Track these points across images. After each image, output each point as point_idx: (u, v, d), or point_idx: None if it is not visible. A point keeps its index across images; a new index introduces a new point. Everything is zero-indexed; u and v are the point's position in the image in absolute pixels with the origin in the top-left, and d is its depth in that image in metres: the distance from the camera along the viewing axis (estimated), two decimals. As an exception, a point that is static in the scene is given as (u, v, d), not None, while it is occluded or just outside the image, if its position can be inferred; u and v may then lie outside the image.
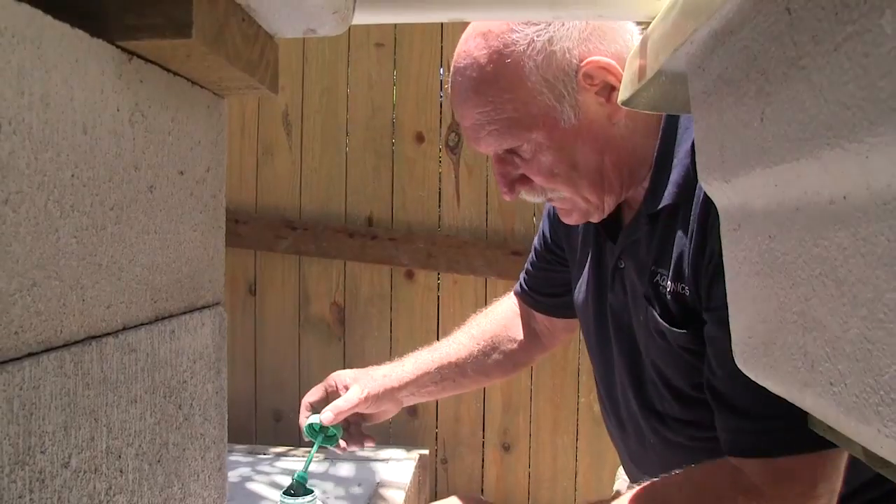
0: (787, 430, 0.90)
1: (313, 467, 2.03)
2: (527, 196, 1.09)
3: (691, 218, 0.97)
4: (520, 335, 1.46)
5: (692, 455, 1.01)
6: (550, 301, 1.41)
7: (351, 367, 2.55)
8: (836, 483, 0.92)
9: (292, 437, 2.55)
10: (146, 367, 0.63)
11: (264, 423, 2.61)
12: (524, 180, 1.05)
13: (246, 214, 2.60)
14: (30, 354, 0.47)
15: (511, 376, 1.60)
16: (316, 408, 1.32)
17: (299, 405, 2.58)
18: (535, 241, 1.43)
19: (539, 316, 1.46)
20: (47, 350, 0.49)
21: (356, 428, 1.36)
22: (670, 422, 1.09)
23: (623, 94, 0.79)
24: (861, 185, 0.41)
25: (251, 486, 1.83)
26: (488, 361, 1.43)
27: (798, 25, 0.43)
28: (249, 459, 2.09)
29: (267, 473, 1.92)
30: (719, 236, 0.79)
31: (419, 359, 1.41)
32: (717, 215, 0.72)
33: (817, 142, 0.43)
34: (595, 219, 1.09)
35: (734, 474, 0.94)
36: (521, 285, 1.47)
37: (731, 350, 0.94)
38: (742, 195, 0.64)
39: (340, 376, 1.37)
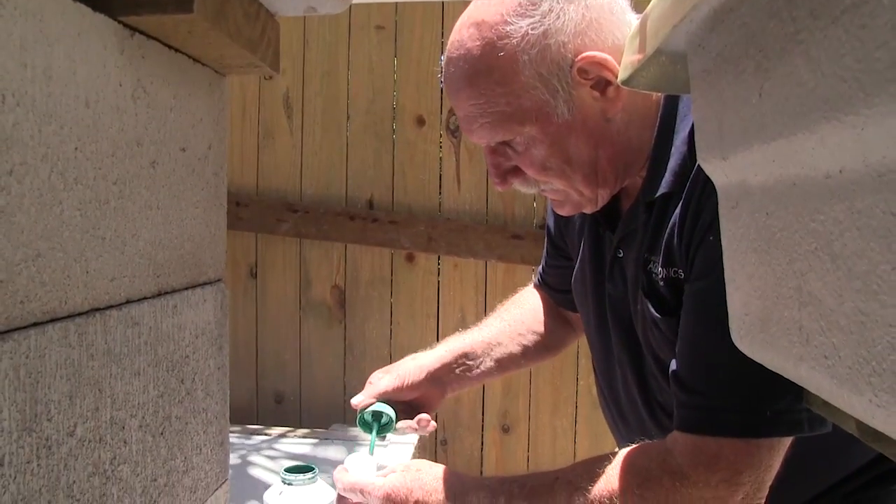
0: (724, 413, 0.91)
1: (316, 451, 2.04)
2: (519, 187, 1.08)
3: (682, 202, 0.97)
4: (550, 322, 1.45)
5: None
6: (565, 297, 1.40)
7: (352, 351, 2.58)
8: (764, 475, 0.92)
9: (293, 419, 2.56)
10: (149, 340, 0.63)
11: (265, 404, 2.62)
12: (517, 172, 1.05)
13: (247, 197, 2.60)
14: (35, 324, 0.47)
15: (545, 361, 1.59)
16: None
17: (300, 388, 2.61)
18: (546, 244, 1.43)
19: None
20: (52, 320, 0.49)
21: (412, 414, 1.32)
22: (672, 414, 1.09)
23: (623, 74, 0.79)
24: (857, 158, 0.41)
25: (252, 466, 1.84)
26: (523, 346, 1.41)
27: (796, 0, 0.44)
28: (251, 440, 2.11)
29: (268, 454, 1.93)
30: (713, 211, 0.79)
31: (451, 342, 1.38)
32: (713, 193, 0.72)
33: (814, 116, 0.43)
34: (588, 210, 1.09)
35: (664, 455, 0.95)
36: (539, 278, 1.46)
37: (695, 327, 0.95)
38: (740, 172, 0.64)
39: (374, 373, 1.34)
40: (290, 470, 1.20)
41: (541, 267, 1.46)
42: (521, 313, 1.45)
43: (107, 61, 0.57)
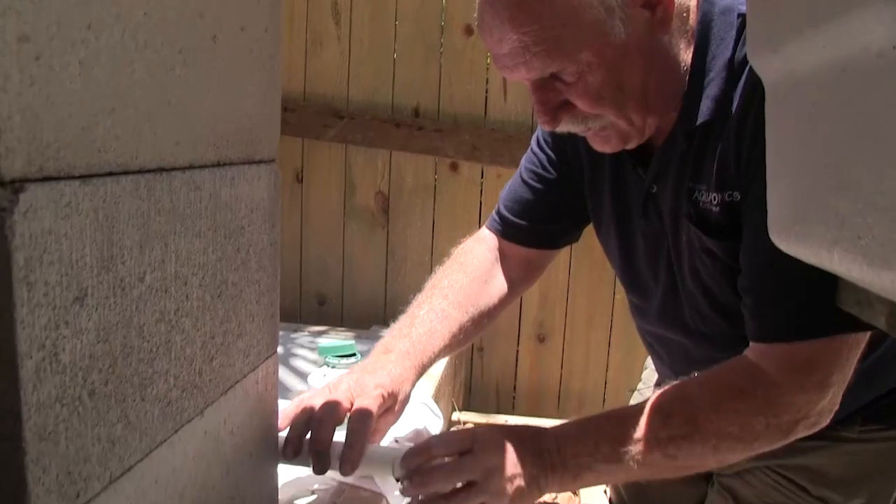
0: (809, 315, 0.92)
1: (358, 346, 2.10)
2: (566, 126, 1.02)
3: (734, 128, 0.95)
4: (510, 272, 1.35)
5: None
6: (540, 229, 1.33)
7: (393, 256, 2.63)
8: (848, 373, 0.94)
9: (335, 321, 2.64)
10: (209, 206, 0.67)
11: (308, 305, 2.70)
12: (567, 107, 0.99)
13: (294, 103, 2.62)
14: (110, 173, 0.51)
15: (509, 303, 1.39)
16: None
17: (342, 290, 2.68)
18: (527, 173, 1.31)
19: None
20: (125, 172, 0.53)
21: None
22: (718, 340, 1.10)
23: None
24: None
25: (295, 357, 1.91)
26: (467, 331, 1.27)
27: None
28: (294, 335, 2.18)
29: (311, 347, 2.00)
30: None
31: (419, 360, 1.16)
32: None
33: (868, -10, 0.44)
34: (633, 144, 1.05)
35: (752, 369, 0.96)
36: (510, 223, 1.33)
37: (763, 237, 0.94)
38: (789, 63, 0.65)
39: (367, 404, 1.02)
40: (329, 349, 1.24)
41: (505, 204, 1.34)
42: (475, 290, 1.30)
43: (174, -69, 0.59)
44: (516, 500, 0.95)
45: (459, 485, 0.94)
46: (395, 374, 1.08)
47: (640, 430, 0.96)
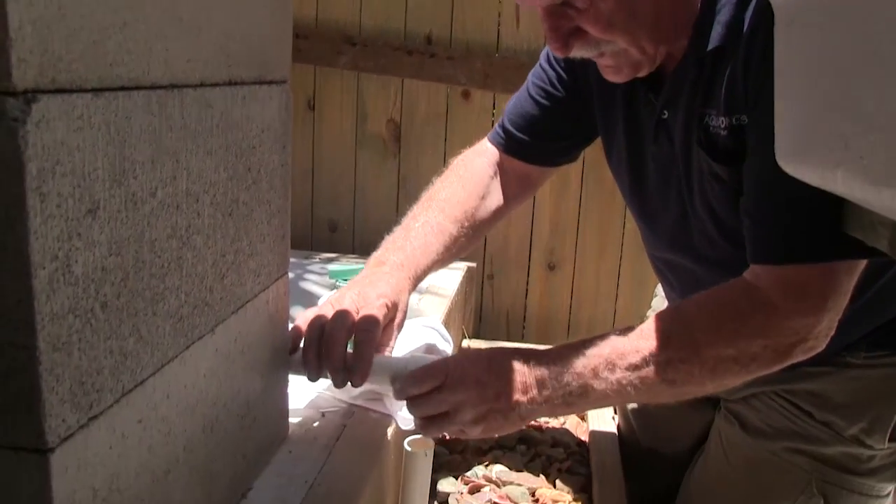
0: (803, 241, 0.92)
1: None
2: (579, 52, 1.02)
3: (743, 51, 0.95)
4: (508, 188, 1.36)
5: None
6: (553, 146, 1.34)
7: (405, 184, 2.63)
8: (844, 299, 0.95)
9: (346, 247, 2.66)
10: (220, 124, 0.67)
11: (320, 232, 2.72)
12: (579, 33, 0.99)
13: (306, 29, 2.59)
14: (122, 88, 0.52)
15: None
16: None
17: (354, 217, 2.70)
18: (535, 88, 1.32)
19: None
20: (137, 87, 0.53)
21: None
22: (727, 266, 1.10)
23: None
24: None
25: (306, 281, 1.94)
26: (461, 242, 1.30)
27: None
28: (305, 261, 2.21)
29: (322, 273, 2.03)
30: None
31: (418, 271, 1.20)
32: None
33: None
34: (644, 72, 1.05)
35: (751, 291, 0.97)
36: (513, 137, 1.34)
37: (765, 159, 0.94)
38: (799, -16, 0.64)
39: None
40: (339, 273, 1.26)
41: (509, 118, 1.35)
42: (473, 203, 1.32)
43: None
44: (490, 432, 0.99)
45: None
46: (392, 284, 1.10)
47: (638, 355, 0.96)
